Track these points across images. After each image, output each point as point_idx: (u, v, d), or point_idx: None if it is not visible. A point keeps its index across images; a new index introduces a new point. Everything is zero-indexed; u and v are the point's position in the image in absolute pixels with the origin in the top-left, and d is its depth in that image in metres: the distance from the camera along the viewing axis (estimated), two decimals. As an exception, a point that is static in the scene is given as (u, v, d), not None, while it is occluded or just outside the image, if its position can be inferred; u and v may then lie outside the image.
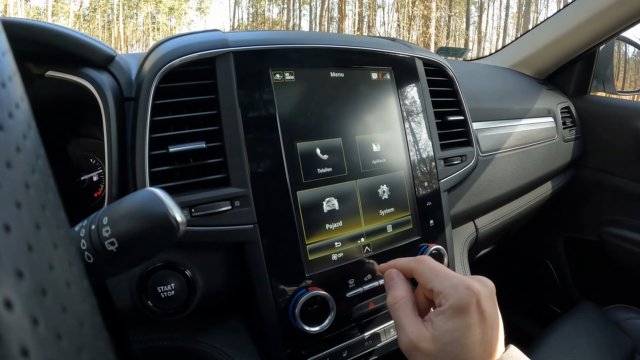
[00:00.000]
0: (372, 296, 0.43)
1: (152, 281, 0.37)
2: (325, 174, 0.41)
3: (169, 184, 0.36)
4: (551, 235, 1.10)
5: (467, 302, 0.28)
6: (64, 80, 0.39)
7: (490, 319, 0.29)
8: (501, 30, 19.31)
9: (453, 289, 0.29)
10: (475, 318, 0.28)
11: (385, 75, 0.47)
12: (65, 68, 0.39)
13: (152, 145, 0.36)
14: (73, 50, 0.37)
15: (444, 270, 0.31)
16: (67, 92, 0.41)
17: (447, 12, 15.49)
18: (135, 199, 0.22)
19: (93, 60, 0.39)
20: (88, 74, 0.38)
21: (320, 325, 0.38)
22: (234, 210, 0.37)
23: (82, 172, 0.54)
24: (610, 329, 0.77)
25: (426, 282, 0.31)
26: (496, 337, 0.29)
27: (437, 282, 0.30)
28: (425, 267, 0.32)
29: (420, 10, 13.80)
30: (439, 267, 0.32)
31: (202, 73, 0.38)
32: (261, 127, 0.38)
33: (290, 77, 0.40)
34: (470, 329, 0.28)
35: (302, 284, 0.39)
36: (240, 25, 27.47)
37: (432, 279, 0.30)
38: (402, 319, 0.30)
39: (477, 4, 19.14)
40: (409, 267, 0.33)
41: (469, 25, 19.13)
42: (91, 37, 0.40)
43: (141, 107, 0.36)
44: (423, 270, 0.32)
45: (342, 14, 19.68)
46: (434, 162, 0.50)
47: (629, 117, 0.92)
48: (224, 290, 0.41)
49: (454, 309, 0.28)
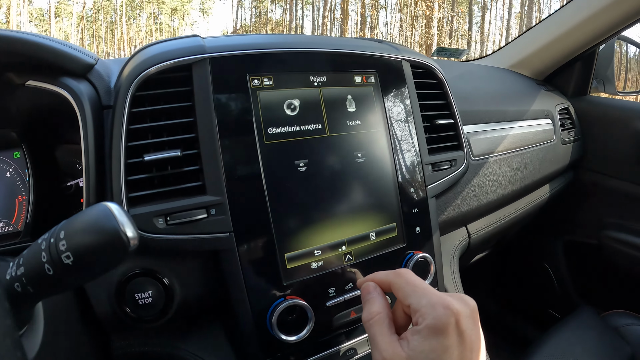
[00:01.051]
0: (354, 305, 0.42)
1: (130, 288, 0.38)
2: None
3: (144, 192, 0.36)
4: (550, 239, 1.08)
5: (445, 322, 0.27)
6: (43, 90, 0.39)
7: (470, 340, 0.27)
8: (504, 30, 19.22)
9: (431, 308, 0.27)
10: (454, 339, 0.27)
11: (369, 78, 0.46)
12: (45, 77, 0.39)
13: (130, 153, 0.36)
14: (50, 60, 0.38)
15: (422, 286, 0.30)
16: (48, 101, 0.41)
17: (450, 12, 15.43)
18: (89, 214, 0.22)
19: (71, 69, 0.39)
20: (66, 83, 0.38)
21: (298, 334, 0.38)
22: (209, 218, 0.36)
23: (69, 178, 0.54)
24: (608, 335, 0.76)
25: (404, 298, 0.30)
26: (476, 359, 0.28)
27: (415, 299, 0.29)
28: (404, 282, 0.30)
29: (422, 11, 13.76)
30: (418, 282, 0.30)
31: (179, 80, 0.38)
32: (238, 134, 0.38)
33: (268, 82, 0.40)
34: (447, 350, 0.26)
35: (279, 293, 0.38)
36: (243, 26, 27.60)
37: (410, 294, 0.29)
38: (377, 336, 0.29)
39: (480, 4, 19.07)
40: (387, 281, 0.32)
41: (472, 25, 19.05)
42: (71, 46, 0.40)
43: (117, 116, 0.36)
44: (401, 285, 0.30)
45: (344, 14, 19.69)
46: (421, 167, 0.49)
47: (630, 118, 0.90)
48: (202, 297, 0.41)
49: (431, 329, 0.27)
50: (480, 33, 19.39)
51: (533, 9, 16.35)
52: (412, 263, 0.45)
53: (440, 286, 0.52)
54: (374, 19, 19.85)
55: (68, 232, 0.21)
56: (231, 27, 30.09)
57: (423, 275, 0.47)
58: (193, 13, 27.54)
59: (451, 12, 15.64)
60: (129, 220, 0.22)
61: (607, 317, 0.81)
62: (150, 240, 0.36)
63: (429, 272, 0.47)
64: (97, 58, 0.44)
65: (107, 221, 0.21)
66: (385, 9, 21.66)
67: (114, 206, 0.22)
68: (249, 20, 27.55)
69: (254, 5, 27.10)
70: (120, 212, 0.21)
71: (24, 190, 0.49)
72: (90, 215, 0.22)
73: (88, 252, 0.21)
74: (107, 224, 0.21)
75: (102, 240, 0.21)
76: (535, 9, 16.37)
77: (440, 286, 0.52)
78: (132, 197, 0.36)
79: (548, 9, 16.30)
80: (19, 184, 0.50)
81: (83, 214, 0.22)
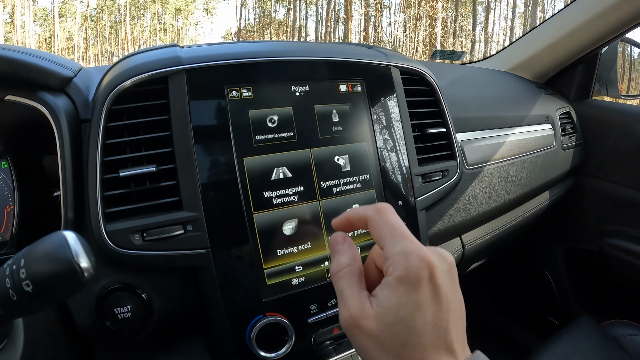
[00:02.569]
0: (337, 322, 0.41)
1: (110, 302, 0.37)
2: (285, 195, 0.39)
3: (120, 207, 0.36)
4: (550, 245, 1.06)
5: (418, 274, 0.23)
6: (22, 104, 0.39)
7: (447, 299, 0.24)
8: (508, 30, 19.07)
9: (404, 256, 0.23)
10: (427, 295, 0.23)
11: (355, 87, 0.45)
12: (22, 92, 0.39)
13: (106, 168, 0.36)
14: (24, 76, 0.37)
15: (402, 230, 0.25)
16: (28, 114, 0.41)
17: (454, 12, 15.34)
18: (46, 243, 0.22)
19: (48, 83, 0.39)
20: (43, 98, 0.38)
21: (277, 352, 0.37)
22: (186, 234, 0.36)
23: (56, 188, 0.54)
24: (608, 345, 0.74)
25: (379, 239, 0.25)
26: (455, 323, 0.24)
27: (389, 242, 0.25)
28: (382, 220, 0.26)
29: (426, 11, 13.69)
30: (399, 224, 0.26)
31: (155, 93, 0.37)
32: (214, 148, 0.37)
33: (247, 93, 0.39)
34: (420, 308, 0.23)
35: (258, 310, 0.38)
36: (247, 25, 27.68)
37: (386, 236, 0.25)
38: (344, 290, 0.25)
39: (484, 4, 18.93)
40: (364, 216, 0.27)
41: (476, 25, 18.93)
42: (50, 59, 0.40)
43: (93, 130, 0.36)
44: (378, 223, 0.26)
45: (348, 14, 19.65)
46: (410, 178, 0.48)
47: (633, 122, 0.88)
48: (181, 312, 0.40)
49: (402, 280, 0.23)
50: (484, 33, 19.26)
51: (537, 9, 16.21)
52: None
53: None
54: (377, 19, 19.80)
55: (27, 261, 0.22)
56: (235, 27, 30.19)
57: None
58: (197, 13, 27.66)
59: (455, 13, 15.53)
60: (84, 251, 0.22)
61: (606, 326, 0.79)
62: (127, 256, 0.35)
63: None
64: (77, 69, 0.43)
65: (61, 251, 0.21)
66: (388, 9, 21.59)
67: (70, 235, 0.22)
68: (252, 20, 27.62)
69: (257, 5, 27.16)
70: (75, 241, 0.22)
71: (12, 200, 0.49)
72: (46, 244, 0.22)
73: (45, 281, 0.21)
74: (61, 254, 0.21)
75: (56, 269, 0.21)
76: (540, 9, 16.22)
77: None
78: (108, 213, 0.35)
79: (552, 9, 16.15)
80: (7, 194, 0.49)
81: (42, 242, 0.22)
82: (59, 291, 0.22)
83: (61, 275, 0.21)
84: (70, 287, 0.22)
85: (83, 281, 0.21)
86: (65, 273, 0.21)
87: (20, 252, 0.23)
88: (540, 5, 16.46)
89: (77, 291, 0.22)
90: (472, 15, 18.77)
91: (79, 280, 0.21)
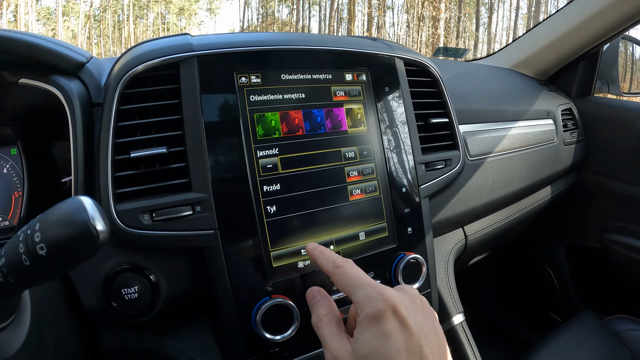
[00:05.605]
0: (342, 305, 0.41)
1: (117, 283, 0.38)
2: None
3: (130, 188, 0.36)
4: (552, 241, 1.06)
5: (380, 308, 0.26)
6: (36, 87, 0.40)
7: (416, 325, 0.27)
8: (511, 31, 19.03)
9: (367, 298, 0.27)
10: (394, 325, 0.26)
11: (360, 76, 0.46)
12: (36, 75, 0.40)
13: (117, 150, 0.37)
14: (41, 58, 0.38)
15: (360, 277, 0.29)
16: (41, 98, 0.42)
17: (457, 13, 15.33)
18: (62, 207, 0.22)
19: (62, 67, 0.40)
20: (57, 81, 0.38)
21: (283, 334, 0.37)
22: (194, 215, 0.36)
23: (64, 174, 0.55)
24: (609, 340, 0.74)
25: (342, 289, 0.30)
26: (429, 345, 0.27)
27: (352, 291, 0.29)
28: (340, 274, 0.30)
29: (429, 11, 13.69)
30: (356, 273, 0.30)
31: (166, 78, 0.38)
32: (224, 131, 0.38)
33: (256, 80, 0.39)
34: (390, 337, 0.26)
35: (265, 292, 0.38)
36: (250, 25, 27.72)
37: (347, 285, 0.29)
38: (326, 337, 0.29)
39: (487, 5, 18.90)
40: (326, 271, 0.32)
41: (479, 26, 18.89)
42: (63, 44, 0.41)
43: (106, 113, 0.36)
44: (338, 278, 0.30)
45: (351, 15, 19.66)
46: (413, 166, 0.48)
47: (634, 119, 0.88)
48: (188, 294, 0.41)
49: (369, 317, 0.27)
50: (487, 34, 19.22)
51: (540, 10, 16.17)
52: (402, 264, 0.44)
53: (433, 288, 0.51)
54: (380, 20, 19.79)
55: (42, 224, 0.22)
56: (238, 27, 30.24)
57: (414, 277, 0.46)
58: (200, 13, 27.74)
59: (458, 13, 15.52)
60: (100, 215, 0.22)
61: (608, 322, 0.79)
62: (136, 236, 0.36)
63: (420, 273, 0.46)
64: (89, 56, 0.44)
65: (78, 214, 0.21)
66: (392, 9, 21.58)
67: (86, 200, 0.22)
68: (256, 20, 27.66)
69: (261, 5, 27.20)
70: (92, 206, 0.22)
71: (20, 186, 0.50)
72: (63, 208, 0.22)
73: (60, 244, 0.21)
74: (77, 217, 0.21)
75: (72, 232, 0.21)
76: (542, 10, 16.19)
77: (433, 288, 0.51)
78: (118, 193, 0.36)
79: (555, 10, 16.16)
80: (16, 180, 0.50)
81: (58, 206, 0.22)
82: (74, 254, 0.22)
83: (77, 238, 0.21)
84: (85, 250, 0.22)
85: (98, 244, 0.21)
86: (81, 236, 0.21)
87: (36, 217, 0.23)
88: (543, 7, 16.40)
89: (90, 256, 0.22)
90: (475, 16, 18.72)
91: (94, 243, 0.21)
